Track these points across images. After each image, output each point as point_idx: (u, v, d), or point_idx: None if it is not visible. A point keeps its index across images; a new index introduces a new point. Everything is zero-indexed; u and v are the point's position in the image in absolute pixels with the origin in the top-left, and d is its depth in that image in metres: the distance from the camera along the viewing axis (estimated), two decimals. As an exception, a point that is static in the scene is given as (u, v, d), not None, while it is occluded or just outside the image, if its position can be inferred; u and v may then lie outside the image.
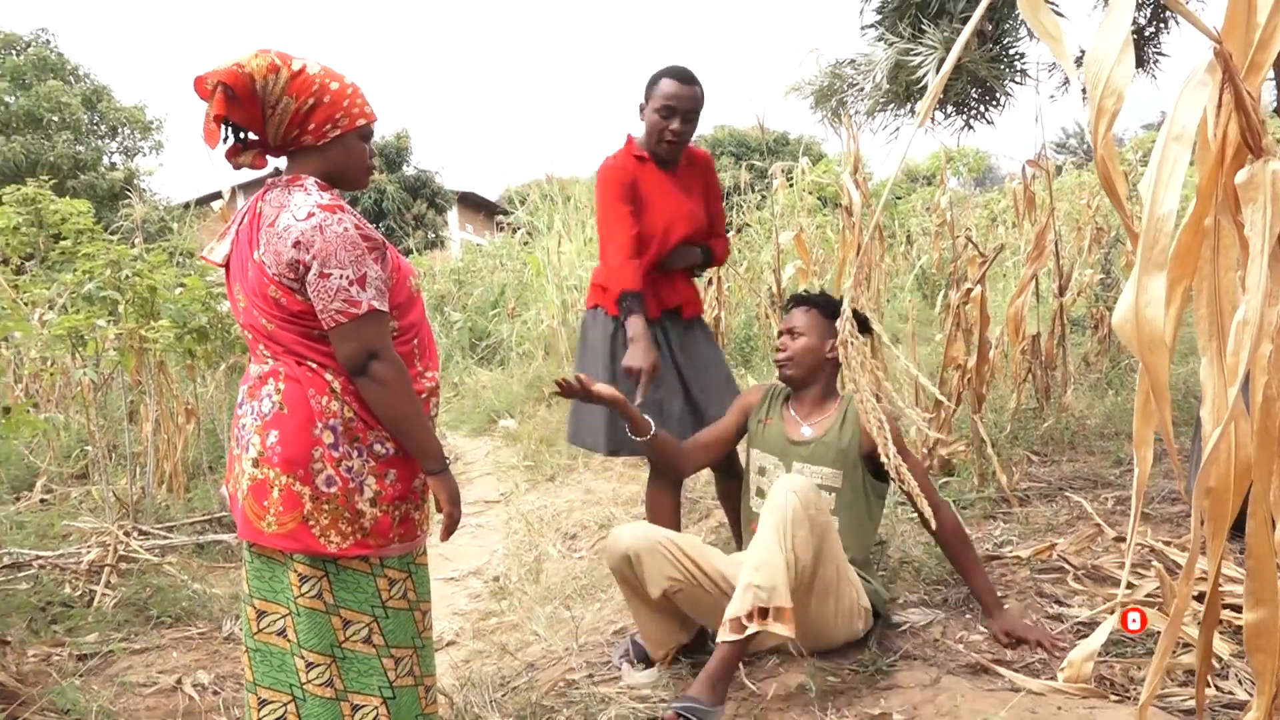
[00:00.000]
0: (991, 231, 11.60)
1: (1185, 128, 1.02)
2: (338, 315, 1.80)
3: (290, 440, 1.84)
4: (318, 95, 1.86)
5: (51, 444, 6.26)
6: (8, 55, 22.21)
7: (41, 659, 3.21)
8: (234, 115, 1.84)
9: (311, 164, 1.92)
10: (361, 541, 1.87)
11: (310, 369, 1.87)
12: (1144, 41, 3.98)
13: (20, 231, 6.25)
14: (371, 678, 1.91)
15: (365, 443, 1.88)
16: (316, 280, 1.79)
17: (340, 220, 1.81)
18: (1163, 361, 1.08)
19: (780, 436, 2.67)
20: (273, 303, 1.85)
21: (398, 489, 1.93)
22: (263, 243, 1.84)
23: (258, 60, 1.82)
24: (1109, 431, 4.76)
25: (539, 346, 10.35)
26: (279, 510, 1.83)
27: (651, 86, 2.89)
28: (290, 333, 1.86)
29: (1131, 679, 2.20)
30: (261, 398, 1.88)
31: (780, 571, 2.14)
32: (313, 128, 1.88)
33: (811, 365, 2.66)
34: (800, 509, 2.23)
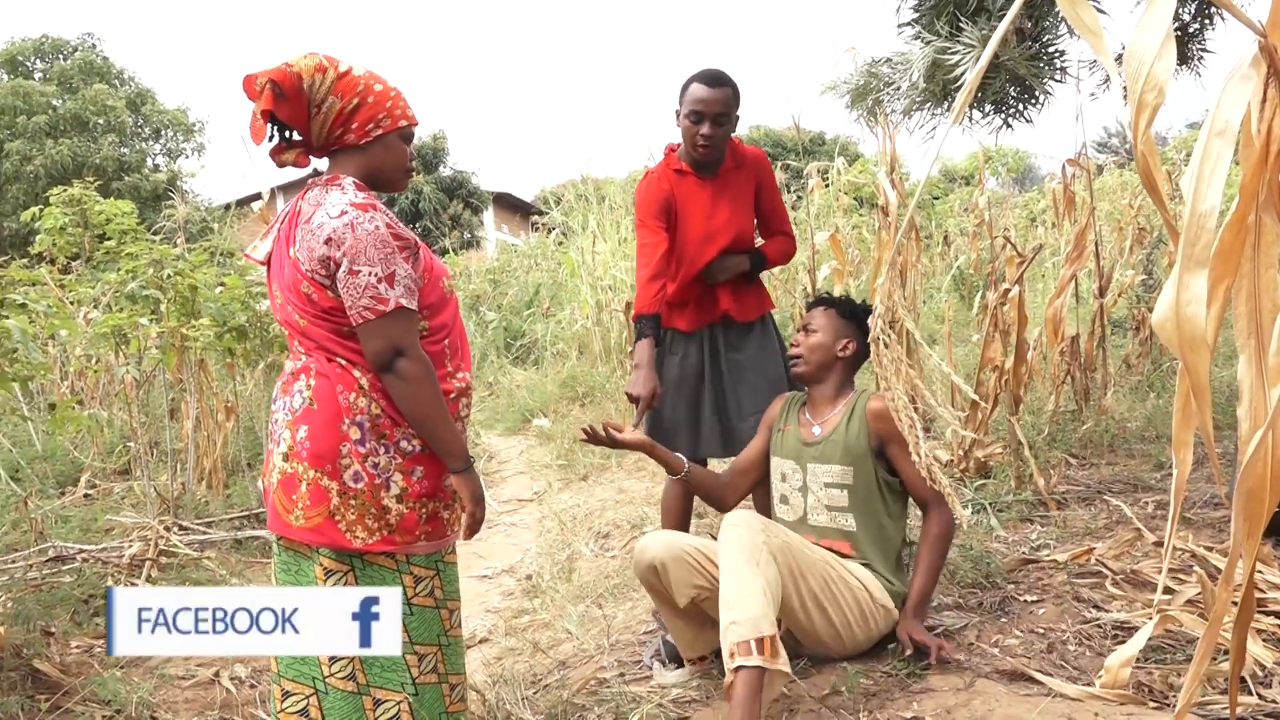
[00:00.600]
0: (1031, 232, 11.47)
1: (1228, 123, 1.00)
2: (365, 312, 1.83)
3: (319, 435, 1.86)
4: (362, 95, 1.91)
5: (95, 440, 6.38)
6: (56, 60, 22.72)
7: (84, 650, 3.27)
8: (280, 112, 1.88)
9: (353, 163, 1.96)
10: (388, 538, 1.89)
11: (340, 365, 1.89)
12: (1188, 38, 3.90)
13: (67, 232, 6.39)
14: (395, 673, 1.93)
15: (392, 439, 1.90)
16: (346, 277, 1.81)
17: (372, 218, 1.83)
18: (1204, 361, 1.06)
19: (796, 440, 2.67)
20: (305, 298, 1.88)
21: (424, 486, 1.94)
22: (298, 239, 1.88)
23: (306, 61, 1.87)
24: (1150, 435, 4.68)
25: (573, 346, 10.38)
26: (306, 504, 1.86)
27: (682, 93, 2.86)
28: (321, 329, 1.89)
29: (1170, 685, 2.16)
30: (293, 393, 1.92)
31: (757, 599, 2.12)
32: (355, 126, 1.92)
33: (821, 362, 2.66)
34: (747, 535, 2.23)
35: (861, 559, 2.51)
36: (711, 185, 2.94)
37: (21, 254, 12.31)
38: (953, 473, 4.17)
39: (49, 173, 19.66)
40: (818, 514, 2.58)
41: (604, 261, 9.89)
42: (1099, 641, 2.47)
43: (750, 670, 2.03)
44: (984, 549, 3.16)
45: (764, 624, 2.08)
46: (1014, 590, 2.88)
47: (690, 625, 2.57)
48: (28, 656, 3.01)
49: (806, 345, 2.67)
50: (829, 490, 2.55)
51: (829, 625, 2.39)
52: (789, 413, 2.77)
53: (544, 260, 12.89)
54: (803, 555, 2.35)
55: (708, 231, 2.93)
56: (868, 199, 10.70)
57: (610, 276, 9.59)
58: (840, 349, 2.66)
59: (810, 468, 2.59)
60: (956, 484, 4.05)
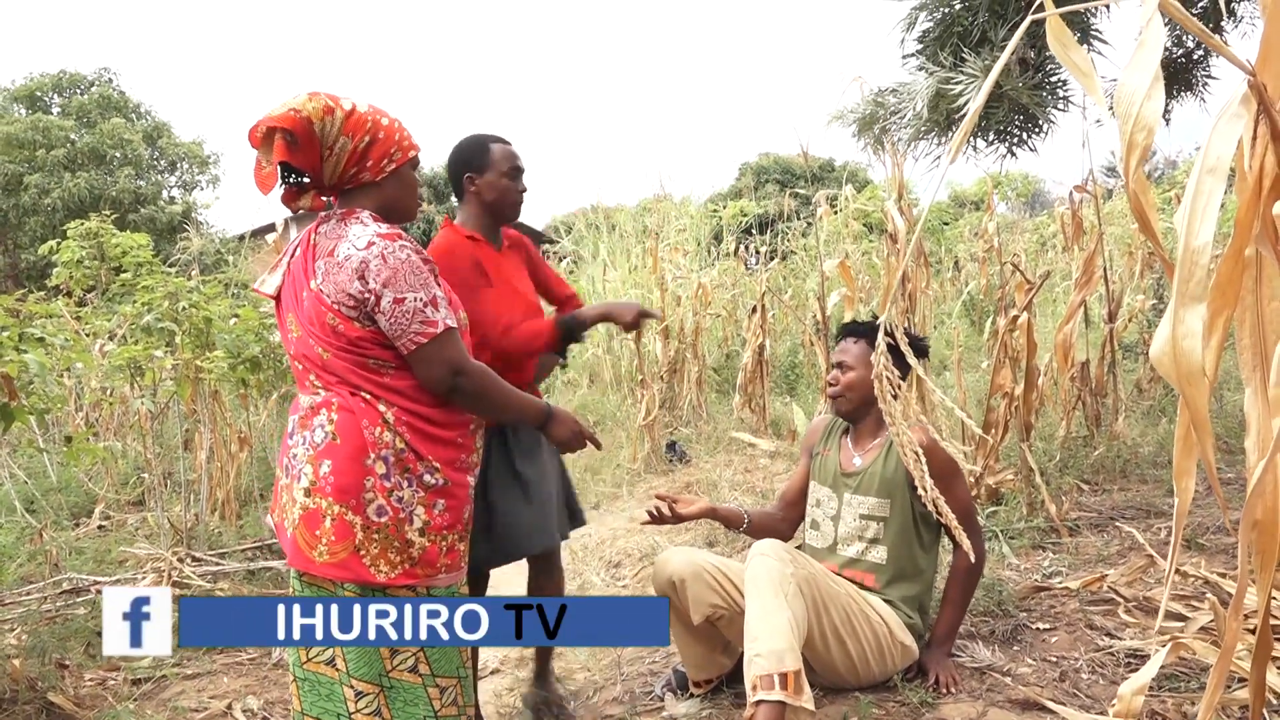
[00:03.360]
0: (1041, 257, 11.47)
1: (1220, 160, 1.02)
2: (417, 337, 1.85)
3: (343, 470, 1.86)
4: (372, 133, 1.92)
5: (110, 471, 6.42)
6: (74, 95, 23.02)
7: (98, 683, 3.29)
8: (295, 160, 1.89)
9: (369, 199, 1.98)
10: (409, 571, 1.89)
11: (364, 400, 1.89)
12: (1192, 65, 3.93)
13: (83, 265, 6.45)
14: (417, 707, 1.92)
15: (416, 473, 1.90)
16: (392, 307, 1.83)
17: (401, 246, 1.86)
18: (1202, 394, 1.07)
19: (834, 468, 2.67)
20: (330, 330, 1.88)
21: (446, 519, 1.94)
22: (320, 272, 1.88)
23: (313, 104, 1.87)
24: (1162, 460, 4.66)
25: (584, 374, 10.41)
26: (331, 540, 1.85)
27: (479, 157, 2.58)
28: (345, 361, 1.89)
29: (1184, 714, 2.15)
30: (314, 428, 1.91)
31: (784, 632, 2.12)
32: (370, 164, 1.94)
33: (863, 397, 2.63)
34: (777, 566, 2.24)
35: (884, 594, 2.51)
36: (503, 255, 2.68)
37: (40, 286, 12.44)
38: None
39: (66, 205, 19.87)
40: (848, 545, 2.58)
41: (615, 289, 9.94)
42: (1112, 669, 2.46)
43: (771, 705, 2.03)
44: (996, 577, 3.15)
45: (789, 658, 2.08)
46: (1026, 618, 2.87)
47: (701, 645, 2.57)
48: (42, 689, 3.02)
49: (845, 383, 2.64)
50: (864, 522, 2.55)
51: (846, 658, 2.39)
52: (831, 437, 2.76)
53: (555, 289, 12.92)
54: (827, 587, 2.35)
55: (526, 300, 2.68)
56: (877, 226, 10.73)
57: (621, 304, 9.61)
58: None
59: (846, 498, 2.59)
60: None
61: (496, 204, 2.59)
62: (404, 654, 1.93)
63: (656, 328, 7.83)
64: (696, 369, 8.03)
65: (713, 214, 13.29)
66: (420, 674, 1.93)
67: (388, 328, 1.85)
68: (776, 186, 23.82)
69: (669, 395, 7.90)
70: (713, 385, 8.60)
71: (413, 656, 1.93)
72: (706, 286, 8.57)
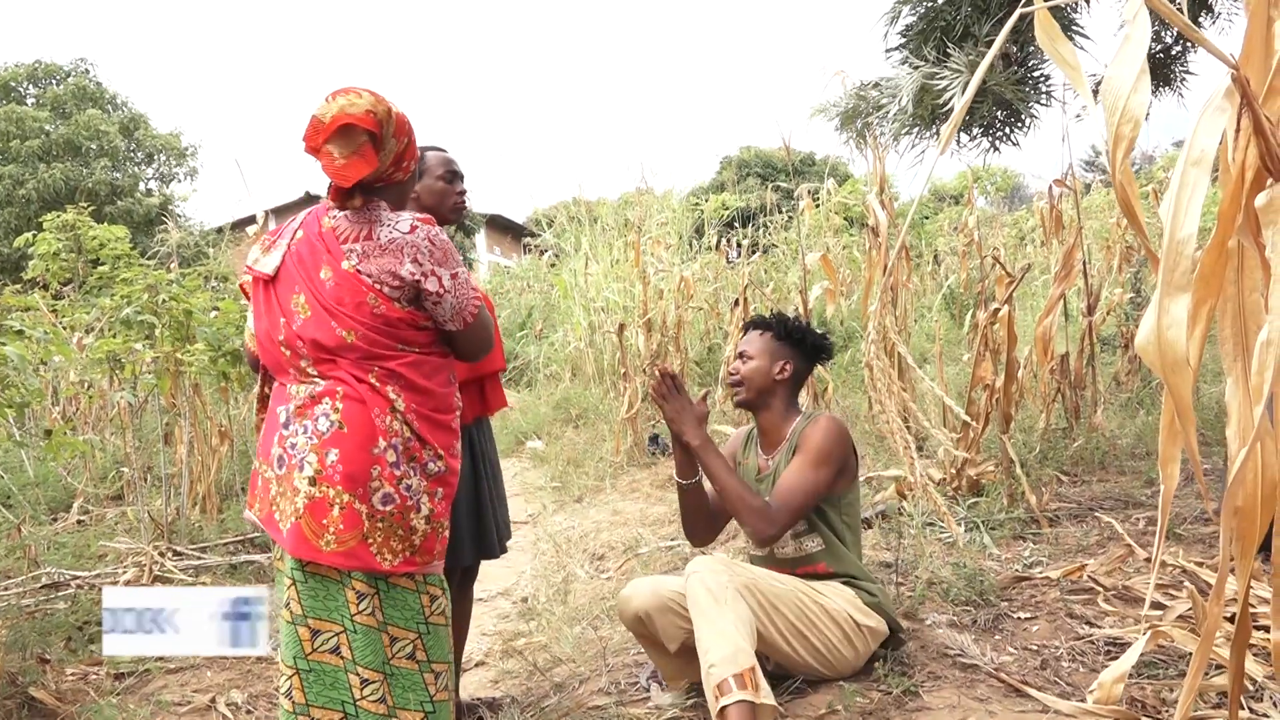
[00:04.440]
0: (1020, 250, 11.55)
1: (1204, 152, 1.04)
2: (472, 307, 1.99)
3: (351, 458, 1.86)
4: (410, 135, 2.00)
5: (89, 466, 6.37)
6: (49, 85, 22.75)
7: (79, 677, 3.27)
8: (374, 161, 1.92)
9: (388, 196, 2.02)
10: (410, 559, 1.91)
11: (370, 387, 1.89)
12: (1171, 60, 3.97)
13: (60, 257, 6.38)
14: (413, 693, 1.94)
15: (421, 461, 1.93)
16: (451, 283, 1.93)
17: (438, 231, 1.96)
18: (1186, 383, 1.09)
19: (753, 474, 2.67)
20: (368, 310, 1.88)
21: (443, 507, 1.98)
22: (355, 255, 1.89)
23: (381, 106, 1.90)
24: (1140, 451, 4.71)
25: (566, 368, 10.41)
26: (339, 529, 1.84)
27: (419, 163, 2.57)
28: (371, 344, 1.89)
29: (1163, 700, 2.18)
30: (316, 417, 1.89)
31: (730, 636, 2.13)
32: (405, 164, 2.02)
33: (761, 387, 2.62)
34: (711, 577, 2.25)
35: (841, 572, 2.52)
36: None
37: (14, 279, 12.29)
38: (946, 491, 4.20)
39: (41, 197, 19.66)
40: (783, 546, 2.57)
41: (596, 283, 9.93)
42: (1092, 657, 2.49)
43: (739, 705, 2.03)
44: (977, 567, 3.18)
45: (741, 658, 2.09)
46: (1007, 607, 2.90)
47: (678, 661, 2.56)
48: (23, 684, 3.00)
49: (744, 372, 2.63)
50: None
51: (814, 651, 2.40)
52: (748, 445, 2.76)
53: (536, 282, 12.94)
54: (771, 589, 2.36)
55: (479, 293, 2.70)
56: (858, 220, 10.78)
57: (603, 298, 9.64)
58: (778, 372, 2.61)
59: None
60: (950, 502, 4.08)
61: (436, 208, 2.63)
62: (403, 641, 1.94)
63: (638, 322, 7.84)
64: (679, 362, 8.04)
65: (694, 207, 13.30)
66: (417, 660, 1.96)
67: (452, 304, 1.94)
68: (758, 180, 23.86)
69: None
70: (695, 378, 8.62)
71: (410, 644, 1.95)
72: (688, 280, 8.58)
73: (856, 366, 7.33)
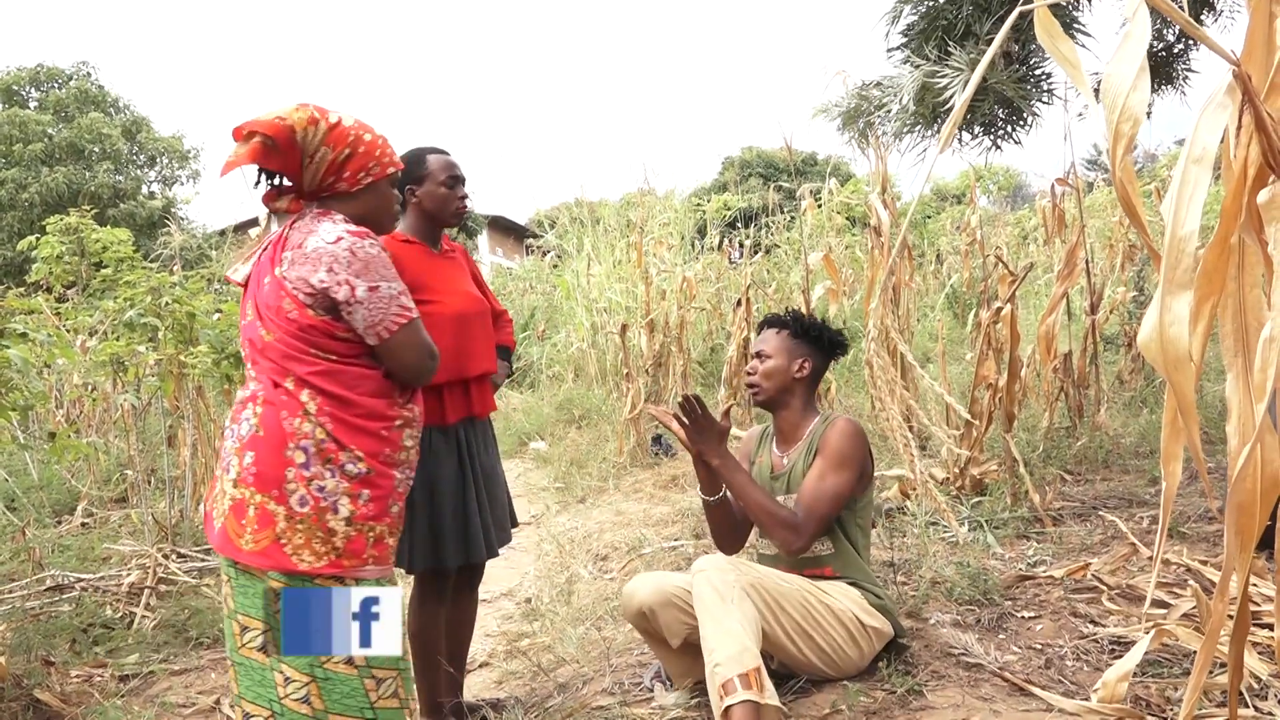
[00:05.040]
0: (1023, 249, 11.55)
1: (1205, 149, 1.04)
2: (396, 320, 1.94)
3: (264, 460, 1.92)
4: (353, 146, 2.01)
5: (92, 468, 6.38)
6: (51, 89, 22.78)
7: (84, 679, 3.27)
8: (270, 164, 1.99)
9: (345, 208, 2.05)
10: (335, 561, 1.94)
11: (286, 391, 1.95)
12: (1173, 59, 3.96)
13: (63, 260, 6.40)
14: (353, 699, 1.95)
15: (338, 463, 1.95)
16: (368, 295, 1.91)
17: (371, 244, 1.94)
18: (1188, 379, 1.09)
19: (767, 473, 2.67)
20: (283, 314, 1.95)
21: (371, 509, 1.98)
22: (286, 261, 1.95)
23: (299, 114, 1.96)
24: (1144, 450, 4.71)
25: (569, 369, 10.41)
26: (254, 529, 1.91)
27: (417, 169, 2.64)
28: (287, 346, 1.95)
29: (1168, 699, 2.18)
30: (241, 421, 1.99)
31: (736, 635, 2.13)
32: (348, 175, 2.03)
33: (780, 385, 2.63)
34: (717, 576, 2.25)
35: (846, 577, 2.52)
36: (441, 257, 2.72)
37: (18, 283, 12.32)
38: (949, 490, 4.20)
39: (44, 200, 19.70)
40: None
41: (599, 284, 9.94)
42: (1096, 656, 2.48)
43: (743, 705, 2.04)
44: (981, 566, 3.17)
45: (746, 658, 2.09)
46: (1011, 606, 2.90)
47: (683, 659, 2.57)
48: (28, 686, 3.01)
49: (762, 372, 2.64)
50: None
51: (820, 651, 2.40)
52: (762, 444, 2.77)
53: (539, 283, 12.94)
54: (778, 588, 2.36)
55: (467, 295, 2.69)
56: (860, 219, 10.77)
57: (605, 299, 9.64)
58: (797, 370, 2.62)
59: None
60: (953, 502, 4.08)
61: (438, 212, 2.68)
62: None
63: (641, 322, 7.85)
64: (681, 363, 8.04)
65: (696, 208, 13.31)
66: (356, 665, 1.96)
67: (365, 317, 1.92)
68: (760, 180, 23.86)
69: (654, 389, 7.91)
70: (698, 379, 8.62)
71: None
72: (691, 280, 8.58)
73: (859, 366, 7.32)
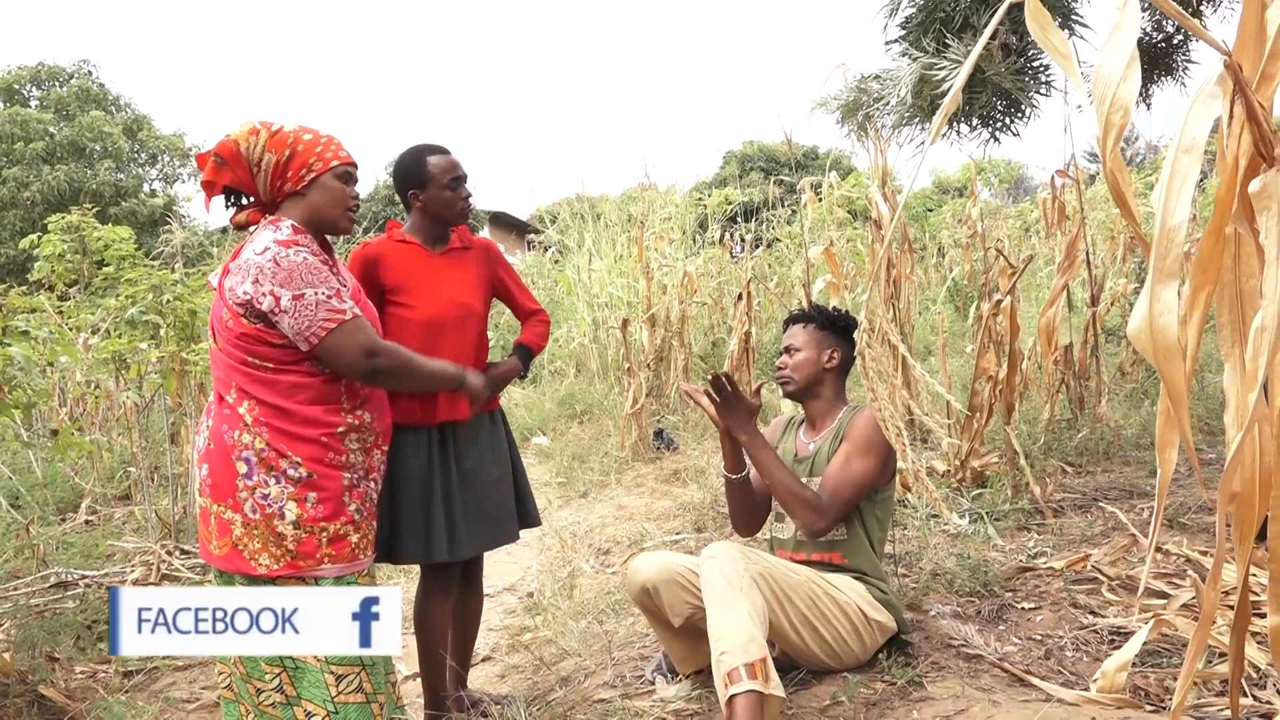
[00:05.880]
0: (1024, 242, 11.53)
1: (1195, 140, 1.04)
2: (326, 323, 1.98)
3: (216, 471, 2.02)
4: (292, 146, 2.10)
5: (96, 466, 6.39)
6: (52, 87, 22.79)
7: (88, 675, 3.29)
8: (223, 179, 2.10)
9: (295, 209, 2.12)
10: (291, 563, 2.02)
11: (227, 405, 2.03)
12: (1173, 50, 3.96)
13: (65, 258, 6.42)
14: (316, 690, 2.03)
15: (279, 470, 2.01)
16: (293, 304, 1.96)
17: (297, 251, 2.00)
18: (1178, 369, 1.09)
19: (791, 456, 2.70)
20: (223, 323, 2.03)
21: (321, 511, 2.04)
22: (230, 271, 2.04)
23: (241, 128, 2.09)
24: (1144, 442, 4.71)
25: (570, 364, 10.41)
26: (216, 536, 2.02)
27: (418, 171, 2.64)
28: (229, 355, 2.03)
29: (1166, 689, 2.18)
30: (201, 432, 2.10)
31: (744, 625, 2.14)
32: (291, 175, 2.10)
33: (810, 377, 2.68)
34: (728, 564, 2.26)
35: (854, 567, 2.54)
36: (443, 256, 2.71)
37: (20, 281, 12.33)
38: (950, 483, 4.20)
39: (46, 199, 19.71)
40: None
41: (600, 279, 9.94)
42: (1096, 647, 2.49)
43: (747, 695, 2.04)
44: (982, 557, 3.18)
45: (753, 649, 2.10)
46: (1012, 598, 2.90)
47: (686, 642, 2.59)
48: (33, 683, 3.02)
49: (792, 365, 2.69)
50: None
51: (822, 643, 2.41)
52: (788, 432, 2.81)
53: (540, 279, 12.93)
54: (786, 578, 2.37)
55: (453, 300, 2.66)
56: (861, 213, 10.76)
57: (606, 294, 9.64)
58: (827, 361, 2.68)
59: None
60: (954, 494, 4.08)
61: (442, 215, 2.71)
62: None
63: (642, 317, 7.86)
64: (683, 357, 8.05)
65: (698, 202, 13.31)
66: (317, 659, 2.03)
67: (291, 325, 1.97)
68: (761, 174, 23.84)
69: (655, 383, 7.92)
70: (699, 373, 8.62)
71: None
72: (692, 275, 8.58)
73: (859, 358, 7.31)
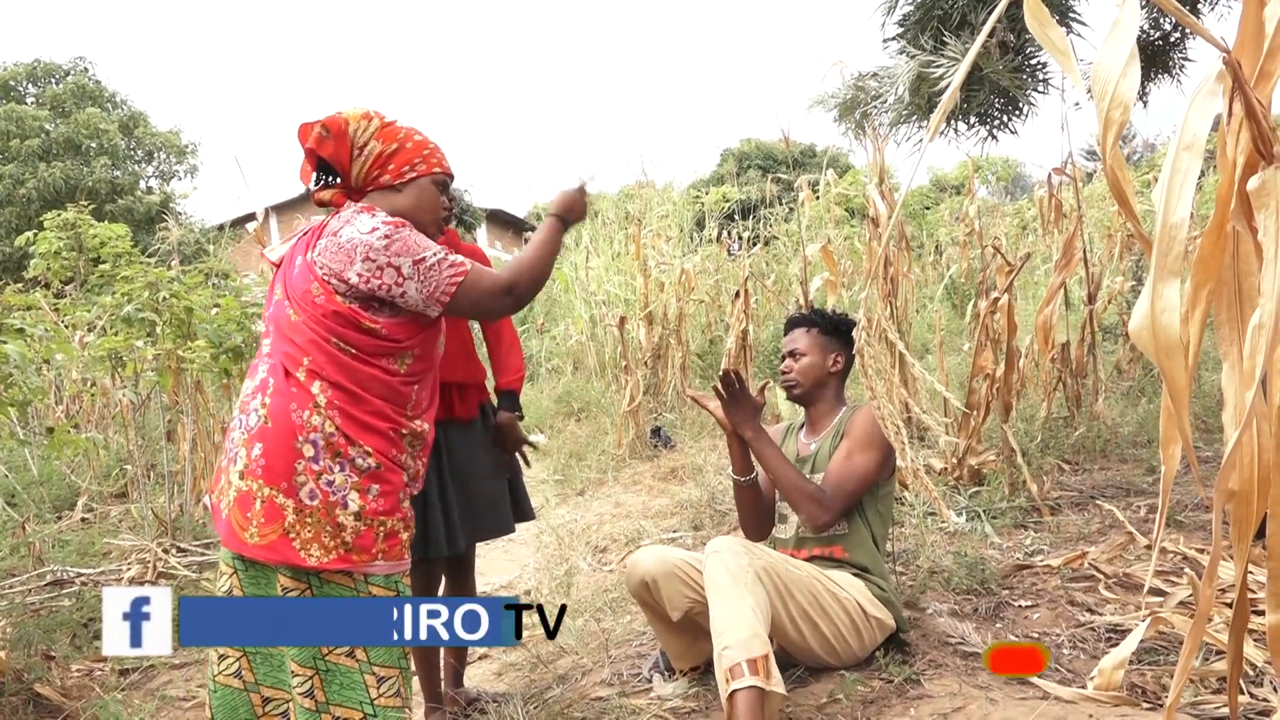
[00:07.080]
0: (1022, 240, 11.52)
1: (1195, 137, 1.04)
2: (454, 279, 1.93)
3: (273, 452, 1.87)
4: (401, 142, 2.05)
5: (92, 463, 6.38)
6: (48, 84, 22.72)
7: (85, 674, 3.29)
8: (323, 150, 2.01)
9: (387, 203, 2.05)
10: (344, 556, 1.88)
11: (296, 382, 1.91)
12: (1170, 48, 3.95)
13: (61, 256, 6.41)
14: (351, 691, 1.90)
15: (347, 456, 1.90)
16: (415, 269, 1.90)
17: (410, 230, 1.94)
18: (1179, 366, 1.09)
19: (793, 456, 2.72)
20: (310, 298, 1.93)
21: (381, 504, 1.93)
22: (320, 247, 1.95)
23: (355, 110, 2.03)
24: (1141, 439, 4.71)
25: (568, 362, 10.42)
26: (260, 522, 1.86)
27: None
28: (309, 330, 1.92)
29: (1163, 686, 2.18)
30: (250, 411, 1.94)
31: (747, 621, 2.13)
32: (392, 168, 2.05)
33: (816, 380, 2.72)
34: (732, 559, 2.26)
35: (855, 561, 2.54)
36: None
37: (16, 278, 12.31)
38: (947, 480, 4.20)
39: (42, 196, 19.64)
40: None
41: (598, 276, 9.94)
42: (1093, 644, 2.49)
43: (748, 691, 2.04)
44: (979, 555, 3.18)
45: (755, 645, 2.10)
46: (1009, 595, 2.91)
47: (683, 637, 2.59)
48: (29, 681, 3.02)
49: (799, 370, 2.72)
50: None
51: (822, 639, 2.42)
52: (788, 436, 2.83)
53: (538, 276, 12.90)
54: (788, 574, 2.38)
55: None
56: (859, 210, 10.76)
57: (604, 291, 9.63)
58: (831, 364, 2.72)
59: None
60: (951, 491, 4.08)
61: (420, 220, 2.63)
62: None
63: (640, 315, 7.85)
64: (680, 355, 8.05)
65: (695, 200, 13.29)
66: (357, 659, 1.90)
67: (418, 289, 1.91)
68: (758, 172, 23.83)
69: (653, 381, 7.92)
70: (696, 371, 8.62)
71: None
72: (689, 272, 8.58)
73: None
